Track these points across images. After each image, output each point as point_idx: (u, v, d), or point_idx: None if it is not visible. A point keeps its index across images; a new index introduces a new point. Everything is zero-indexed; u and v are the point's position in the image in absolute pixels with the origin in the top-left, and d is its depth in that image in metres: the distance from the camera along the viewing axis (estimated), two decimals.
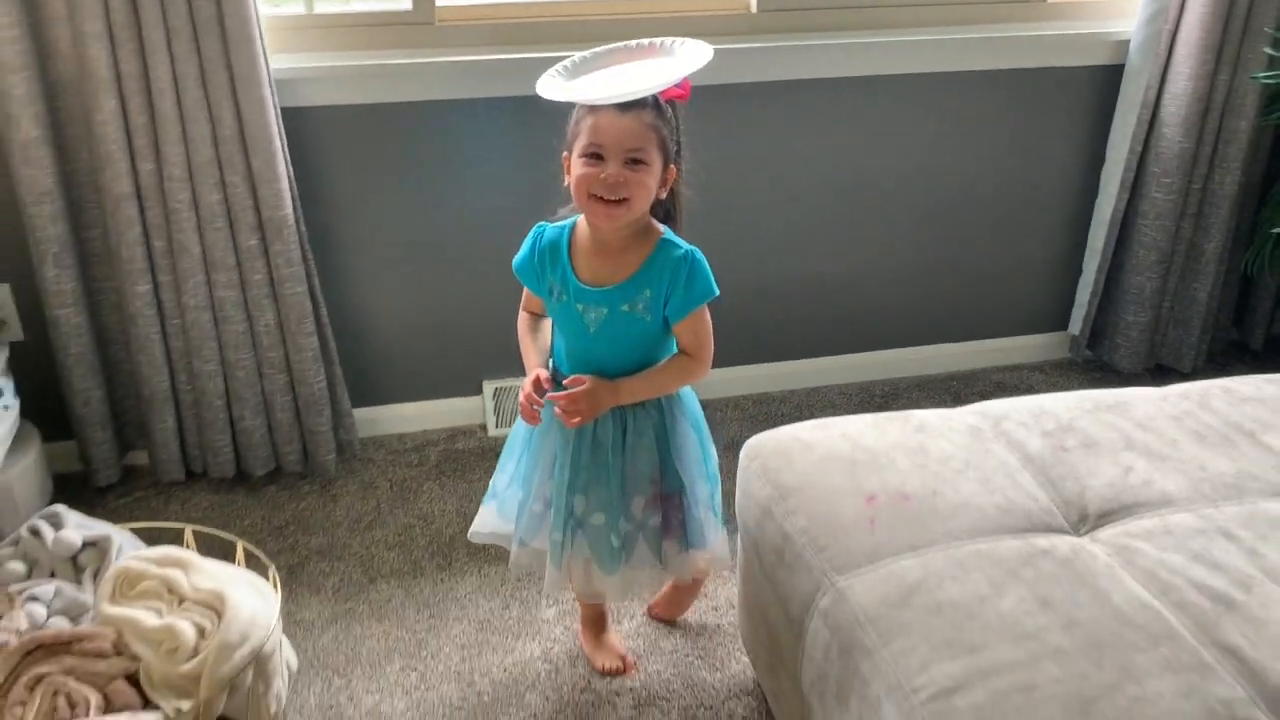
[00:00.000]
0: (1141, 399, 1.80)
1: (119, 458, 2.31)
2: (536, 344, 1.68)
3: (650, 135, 1.47)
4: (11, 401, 1.93)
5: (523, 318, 1.72)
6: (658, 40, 1.59)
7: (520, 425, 1.70)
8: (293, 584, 2.04)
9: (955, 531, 1.47)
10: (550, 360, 1.68)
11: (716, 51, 1.54)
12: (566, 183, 1.54)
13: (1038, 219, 2.72)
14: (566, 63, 1.57)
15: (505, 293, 1.81)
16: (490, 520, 1.77)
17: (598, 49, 1.59)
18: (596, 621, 1.89)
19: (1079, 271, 2.78)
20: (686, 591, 1.93)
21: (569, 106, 1.53)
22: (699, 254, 1.56)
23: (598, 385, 1.56)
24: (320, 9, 2.23)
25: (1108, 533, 1.49)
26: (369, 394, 2.49)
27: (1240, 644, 1.27)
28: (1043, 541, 1.45)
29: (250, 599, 1.51)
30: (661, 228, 1.58)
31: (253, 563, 1.65)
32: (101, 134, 1.99)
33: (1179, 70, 2.44)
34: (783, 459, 1.64)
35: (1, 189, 2.06)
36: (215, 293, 2.15)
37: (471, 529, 1.78)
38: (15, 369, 2.08)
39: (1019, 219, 2.71)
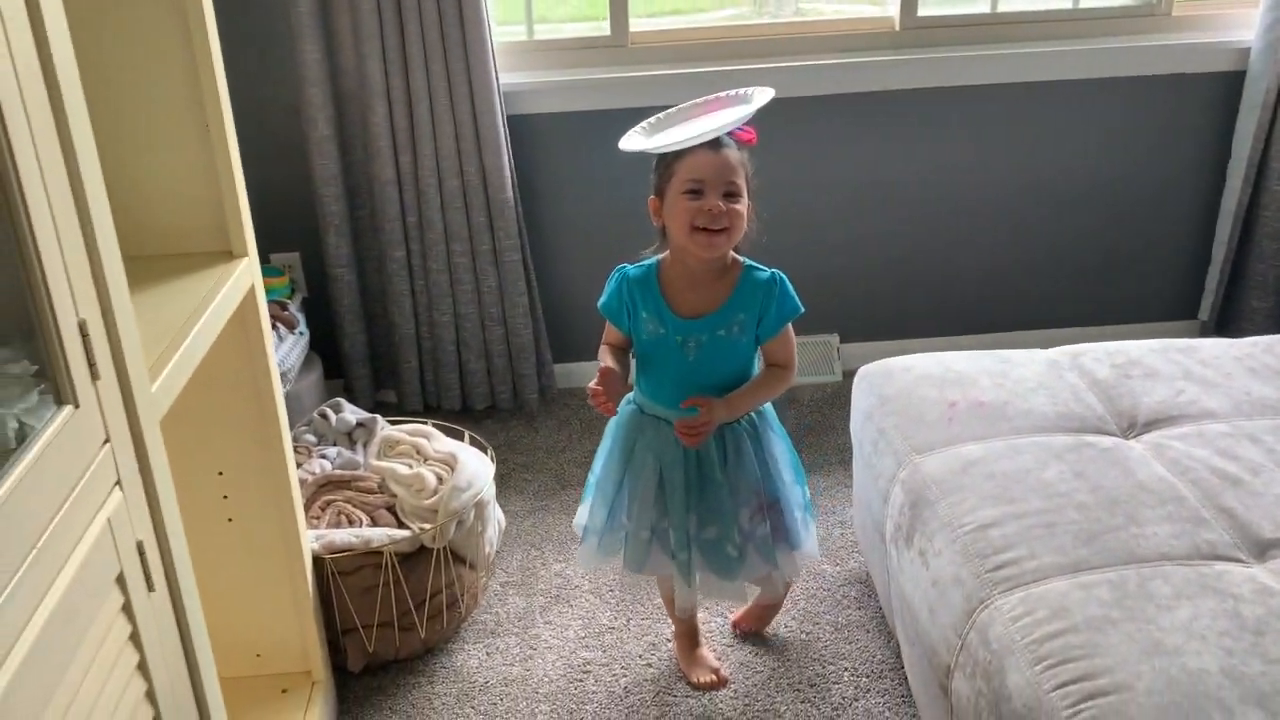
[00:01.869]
0: (1211, 344, 2.09)
1: (373, 393, 2.92)
2: (614, 360, 1.77)
3: (740, 170, 1.65)
4: (304, 330, 2.56)
5: (603, 349, 1.81)
6: (722, 94, 1.75)
7: (610, 464, 1.81)
8: (502, 488, 2.56)
9: (1018, 428, 1.82)
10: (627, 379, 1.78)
11: (866, 63, 1.90)
12: (657, 224, 1.72)
13: (1169, 212, 2.97)
14: (646, 123, 1.76)
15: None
16: (593, 559, 1.87)
17: (670, 110, 1.77)
18: (690, 636, 1.97)
19: (1208, 260, 3.01)
20: (771, 605, 2.02)
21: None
22: (783, 275, 1.72)
23: (715, 404, 1.68)
24: (539, 36, 2.80)
25: (1150, 436, 1.81)
26: (567, 351, 3.01)
27: (1235, 507, 1.58)
28: (1091, 439, 1.79)
29: (474, 461, 2.04)
30: (741, 257, 1.73)
31: (475, 447, 2.18)
32: (374, 133, 2.60)
33: None
34: (885, 377, 2.04)
35: (299, 175, 2.71)
36: (452, 259, 2.73)
37: (581, 559, 1.92)
38: None
39: (1151, 212, 2.97)
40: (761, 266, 1.73)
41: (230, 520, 1.75)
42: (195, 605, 1.25)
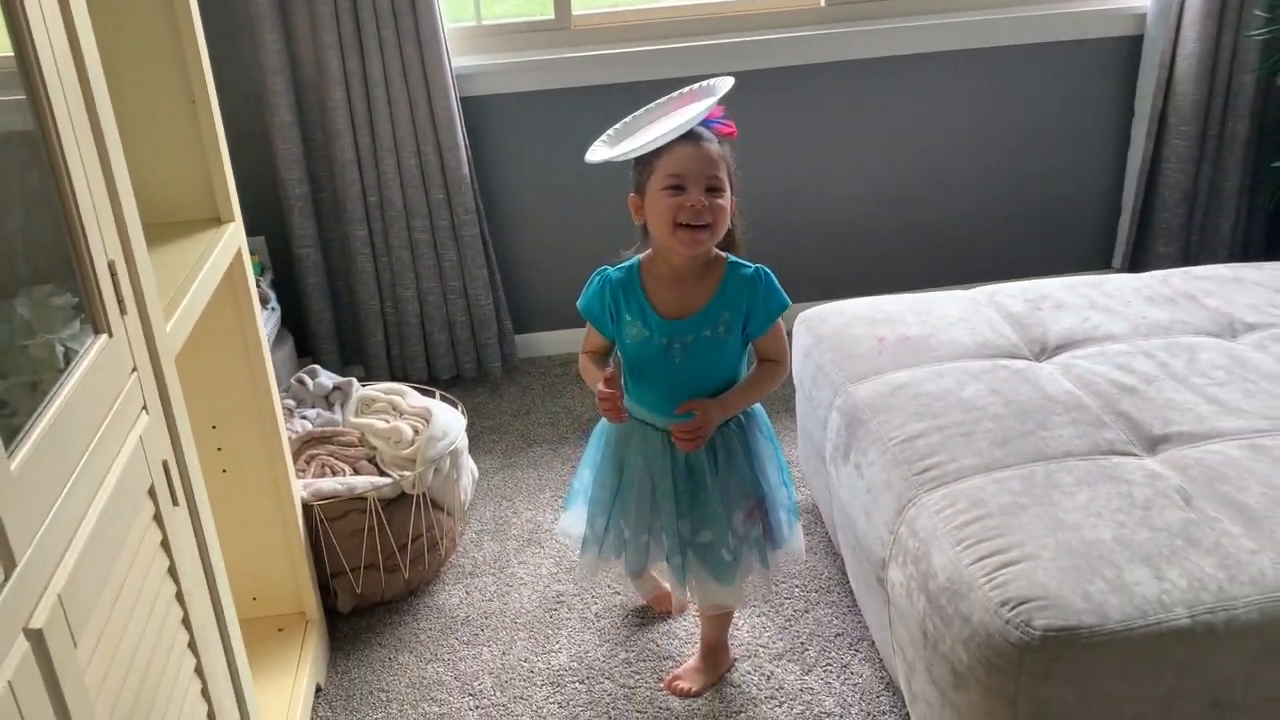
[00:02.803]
0: (1115, 279, 2.30)
1: (342, 368, 3.05)
2: (596, 367, 1.76)
3: (722, 164, 1.61)
4: (276, 306, 2.69)
5: (583, 359, 1.80)
6: (685, 90, 1.72)
7: (603, 474, 1.80)
8: (473, 449, 2.71)
9: (940, 357, 2.02)
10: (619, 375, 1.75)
11: (793, 38, 2.04)
12: (638, 222, 1.68)
13: (1081, 170, 3.20)
14: (611, 130, 1.71)
15: (632, 237, 1.87)
16: (595, 565, 1.88)
17: (636, 113, 1.74)
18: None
19: (1118, 212, 3.24)
20: (711, 661, 1.92)
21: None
22: (768, 270, 1.69)
23: (711, 406, 1.65)
24: (487, 21, 2.95)
25: (1058, 358, 2.01)
26: (527, 322, 3.16)
27: (1130, 411, 1.79)
28: (1005, 362, 1.99)
29: (447, 414, 2.19)
30: (724, 254, 1.69)
31: (445, 404, 2.33)
32: (333, 117, 2.73)
33: (1188, 34, 2.90)
34: (821, 320, 2.23)
35: (262, 162, 2.83)
36: (413, 235, 2.87)
37: (580, 569, 1.98)
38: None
39: (1064, 170, 3.19)
40: (745, 262, 1.69)
41: (224, 471, 1.89)
42: (210, 523, 1.40)
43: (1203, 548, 1.44)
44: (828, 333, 2.17)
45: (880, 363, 2.02)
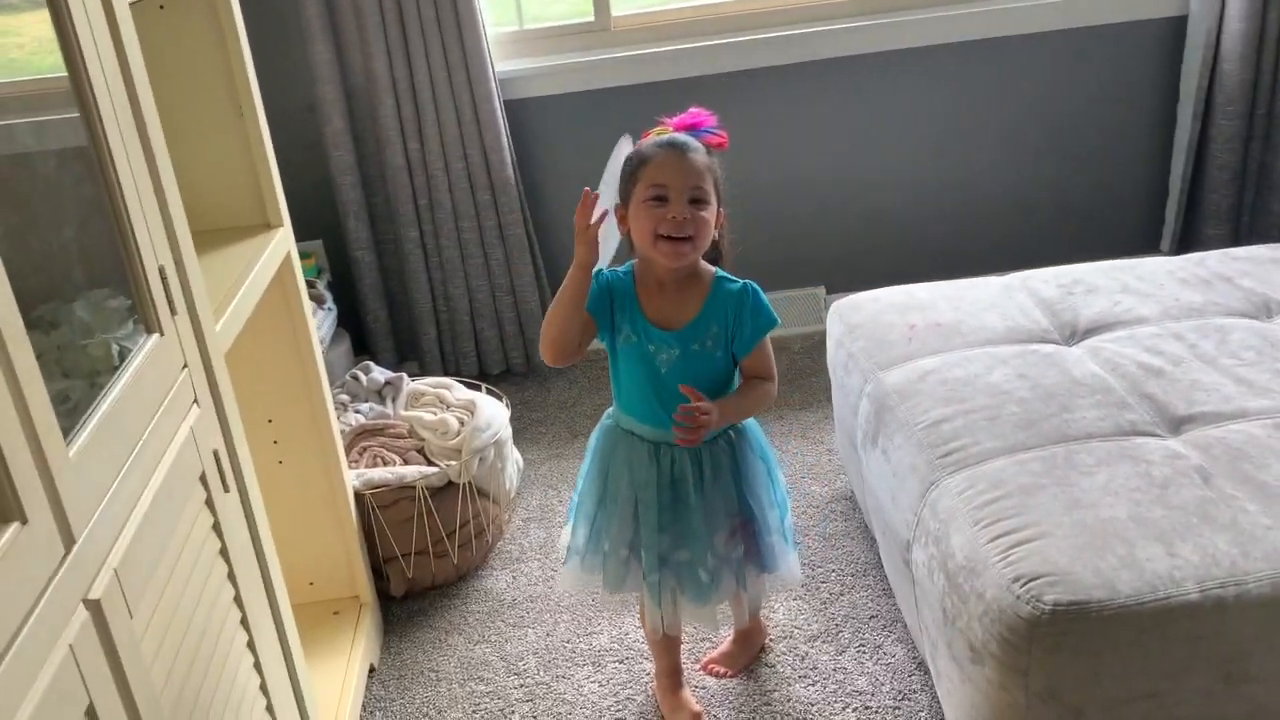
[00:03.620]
0: (1150, 262, 2.31)
1: (397, 365, 3.16)
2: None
3: (707, 175, 1.57)
4: (332, 306, 2.80)
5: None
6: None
7: (590, 483, 1.75)
8: (520, 440, 2.79)
9: (970, 342, 2.05)
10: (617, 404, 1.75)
11: (830, 31, 2.04)
12: (622, 232, 1.64)
13: (1127, 153, 3.17)
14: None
15: None
16: (575, 578, 1.81)
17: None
18: (671, 675, 1.88)
19: (1166, 195, 3.21)
20: (746, 643, 1.96)
21: (729, 90, 1.78)
22: (756, 286, 1.64)
23: (714, 409, 1.58)
24: (528, 26, 3.03)
25: (1088, 342, 2.03)
26: None
27: (1156, 393, 1.81)
28: (1035, 347, 2.02)
29: (491, 406, 2.28)
30: (711, 267, 1.66)
31: (491, 397, 2.42)
32: (384, 124, 2.84)
33: (1232, 13, 2.87)
34: (854, 308, 2.27)
35: (318, 168, 2.95)
36: (462, 236, 2.97)
37: (560, 585, 1.91)
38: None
39: (1111, 154, 3.17)
40: (733, 277, 1.65)
41: (280, 463, 2.00)
42: (260, 508, 1.50)
43: (1218, 524, 1.46)
44: (860, 320, 2.21)
45: (910, 349, 2.06)
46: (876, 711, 1.85)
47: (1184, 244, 3.20)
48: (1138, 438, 1.70)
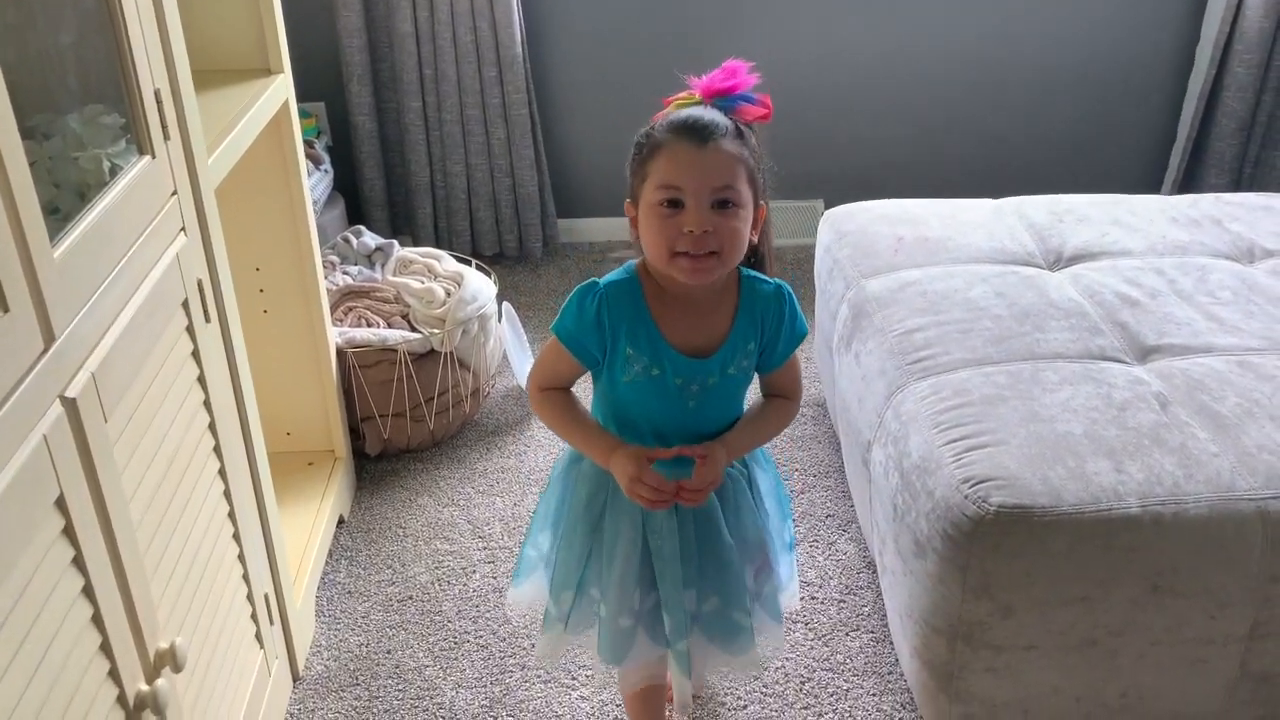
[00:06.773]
0: (1142, 199, 2.32)
1: (390, 236, 3.17)
2: (587, 421, 1.34)
3: (738, 168, 1.20)
4: (329, 168, 2.81)
5: (552, 398, 1.34)
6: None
7: (572, 536, 1.39)
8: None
9: (955, 258, 2.07)
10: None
11: None
12: (633, 236, 1.28)
13: (1139, 93, 3.16)
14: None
15: None
16: (556, 646, 1.45)
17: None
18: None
19: (1173, 139, 3.20)
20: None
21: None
22: (789, 289, 1.33)
23: (715, 450, 1.29)
24: None
25: (1070, 269, 2.05)
26: (570, 206, 3.25)
27: (1129, 322, 1.84)
28: (1018, 269, 2.04)
29: (479, 280, 2.30)
30: (740, 267, 1.30)
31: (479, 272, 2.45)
32: None
33: None
34: (846, 217, 2.28)
35: (325, 29, 2.92)
36: (465, 111, 2.95)
37: (540, 654, 1.48)
38: None
39: (1123, 93, 3.15)
40: (764, 277, 1.32)
41: (265, 311, 2.03)
42: (240, 343, 1.53)
43: (1167, 447, 1.51)
44: (850, 229, 2.22)
45: (895, 260, 2.08)
46: (823, 602, 1.92)
47: (1184, 189, 3.20)
48: (1104, 362, 1.73)
